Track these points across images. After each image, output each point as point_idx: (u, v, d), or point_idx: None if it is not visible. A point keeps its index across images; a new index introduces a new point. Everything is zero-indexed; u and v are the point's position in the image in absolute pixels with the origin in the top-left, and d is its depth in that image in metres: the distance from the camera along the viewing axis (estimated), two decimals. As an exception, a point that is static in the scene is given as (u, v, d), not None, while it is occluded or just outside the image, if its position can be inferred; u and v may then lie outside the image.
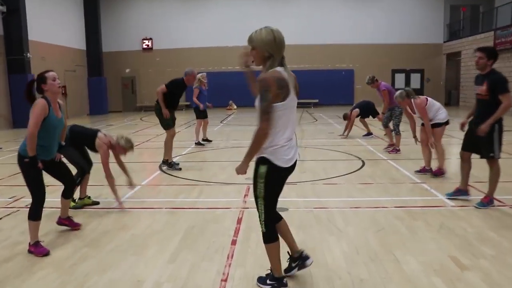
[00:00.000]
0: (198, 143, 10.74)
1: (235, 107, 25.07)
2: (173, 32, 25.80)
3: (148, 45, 26.30)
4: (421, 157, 6.97)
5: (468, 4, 25.17)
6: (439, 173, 6.65)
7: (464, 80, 23.49)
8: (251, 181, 3.00)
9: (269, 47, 2.82)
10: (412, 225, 4.55)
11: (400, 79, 26.13)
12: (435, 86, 25.92)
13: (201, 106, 10.60)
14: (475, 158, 5.21)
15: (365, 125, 11.66)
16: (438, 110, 6.66)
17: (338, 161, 8.33)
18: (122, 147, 5.28)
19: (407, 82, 26.09)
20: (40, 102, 3.85)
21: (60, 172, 4.34)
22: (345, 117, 11.77)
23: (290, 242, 3.31)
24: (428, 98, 6.73)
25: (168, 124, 7.74)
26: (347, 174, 7.08)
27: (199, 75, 10.89)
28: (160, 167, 7.82)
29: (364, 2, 25.46)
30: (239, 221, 4.78)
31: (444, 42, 25.63)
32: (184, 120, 17.72)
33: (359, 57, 25.56)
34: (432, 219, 4.70)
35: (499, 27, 20.29)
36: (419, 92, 26.05)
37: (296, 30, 23.97)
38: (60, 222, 4.57)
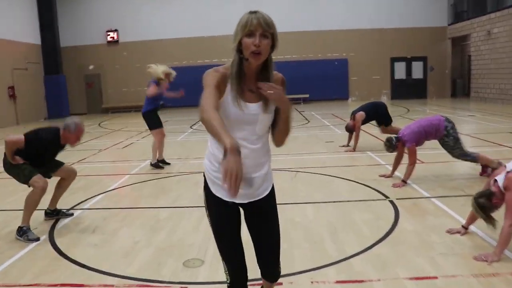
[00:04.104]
0: (155, 165, 7.50)
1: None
2: (142, 22, 22.39)
3: (113, 38, 22.87)
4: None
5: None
6: None
7: (476, 67, 20.31)
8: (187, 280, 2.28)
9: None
10: None
11: (400, 68, 22.94)
12: (440, 76, 22.85)
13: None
14: None
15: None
16: None
17: (351, 205, 5.05)
18: None
19: (408, 71, 22.98)
20: None
21: None
22: (348, 129, 8.42)
23: None
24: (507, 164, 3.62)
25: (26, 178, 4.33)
26: (375, 243, 3.81)
27: (169, 70, 7.61)
28: (42, 239, 4.55)
29: (357, -18, 22.23)
30: None
31: (449, 24, 22.52)
32: (134, 127, 13.89)
33: (354, 45, 22.33)
34: None
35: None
36: (422, 81, 23.08)
37: (282, 15, 20.66)
38: None
